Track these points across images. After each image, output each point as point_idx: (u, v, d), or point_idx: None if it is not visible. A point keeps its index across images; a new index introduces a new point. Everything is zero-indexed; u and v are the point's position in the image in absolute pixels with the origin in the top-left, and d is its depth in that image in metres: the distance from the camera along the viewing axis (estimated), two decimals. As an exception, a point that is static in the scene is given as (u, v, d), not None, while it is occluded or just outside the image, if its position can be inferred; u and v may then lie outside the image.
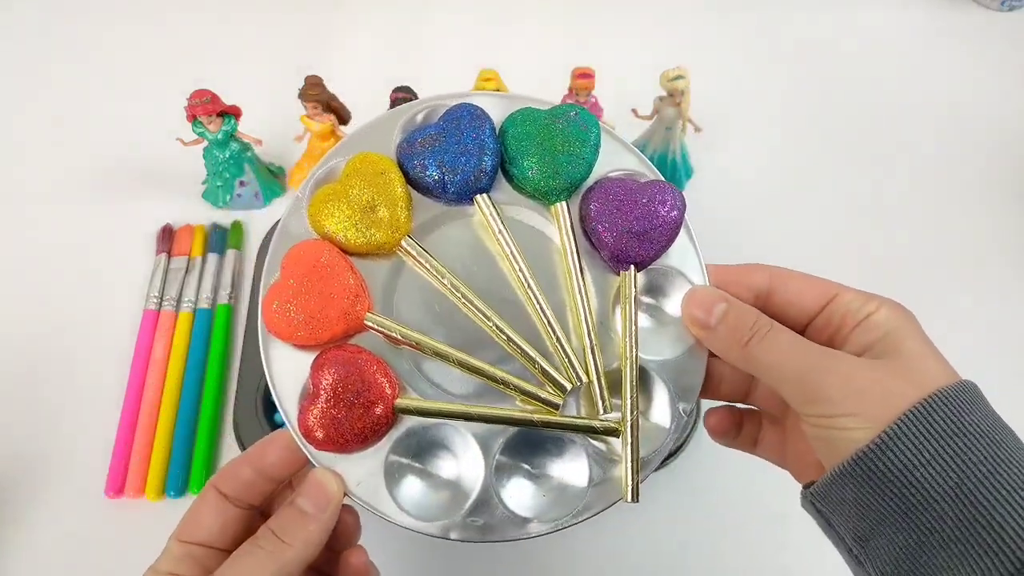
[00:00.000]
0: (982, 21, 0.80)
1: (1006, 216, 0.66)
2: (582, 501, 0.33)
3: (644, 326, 0.36)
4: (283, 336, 0.33)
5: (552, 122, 0.36)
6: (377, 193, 0.34)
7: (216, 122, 0.58)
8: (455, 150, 0.35)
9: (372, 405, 0.32)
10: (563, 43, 0.77)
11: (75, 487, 0.52)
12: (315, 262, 0.33)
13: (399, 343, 0.34)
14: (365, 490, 0.33)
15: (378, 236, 0.34)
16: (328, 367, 0.32)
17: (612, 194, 0.35)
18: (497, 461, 0.33)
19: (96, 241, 0.63)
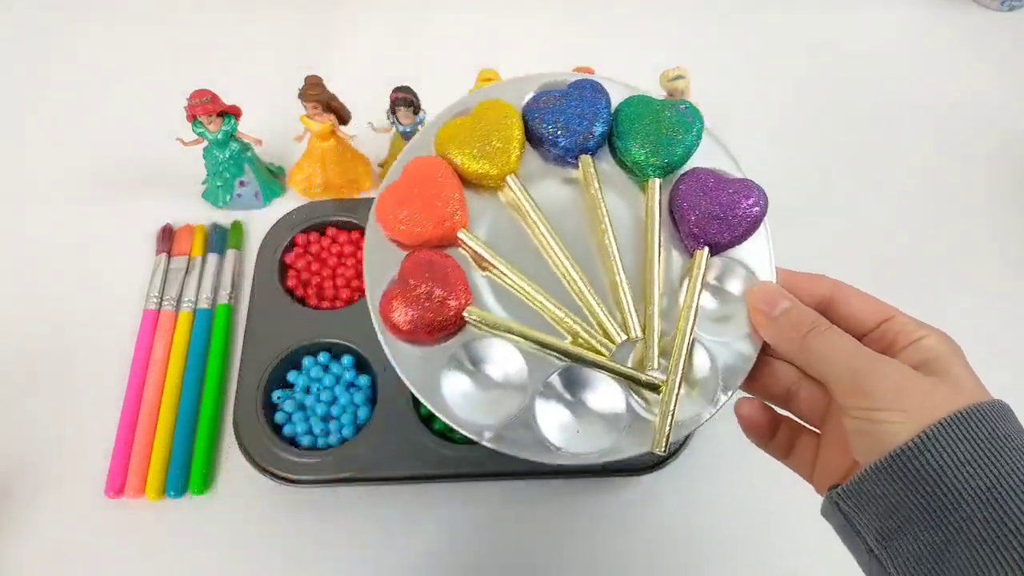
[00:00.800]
0: (982, 21, 0.80)
1: (1006, 216, 0.66)
2: (610, 443, 0.36)
3: (705, 306, 0.38)
4: (386, 226, 0.38)
5: (663, 109, 0.40)
6: (497, 132, 0.39)
7: (216, 122, 0.58)
8: (573, 112, 0.39)
9: (446, 304, 0.36)
10: (563, 43, 0.77)
11: (75, 487, 0.52)
12: (431, 173, 0.38)
13: (482, 265, 0.38)
14: (421, 382, 0.36)
15: (488, 168, 0.38)
16: (416, 261, 0.37)
17: (702, 180, 0.39)
18: (543, 387, 0.36)
19: (96, 241, 0.63)
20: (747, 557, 0.51)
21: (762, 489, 0.53)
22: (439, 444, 0.51)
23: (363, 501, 0.52)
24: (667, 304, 0.38)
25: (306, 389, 0.54)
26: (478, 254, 0.38)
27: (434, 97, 0.60)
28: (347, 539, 0.51)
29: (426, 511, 0.52)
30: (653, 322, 0.37)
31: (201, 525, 0.51)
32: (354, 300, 0.58)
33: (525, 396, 0.36)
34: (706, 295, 0.38)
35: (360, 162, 0.64)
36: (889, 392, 0.30)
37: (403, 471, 0.51)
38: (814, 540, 0.51)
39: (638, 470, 0.52)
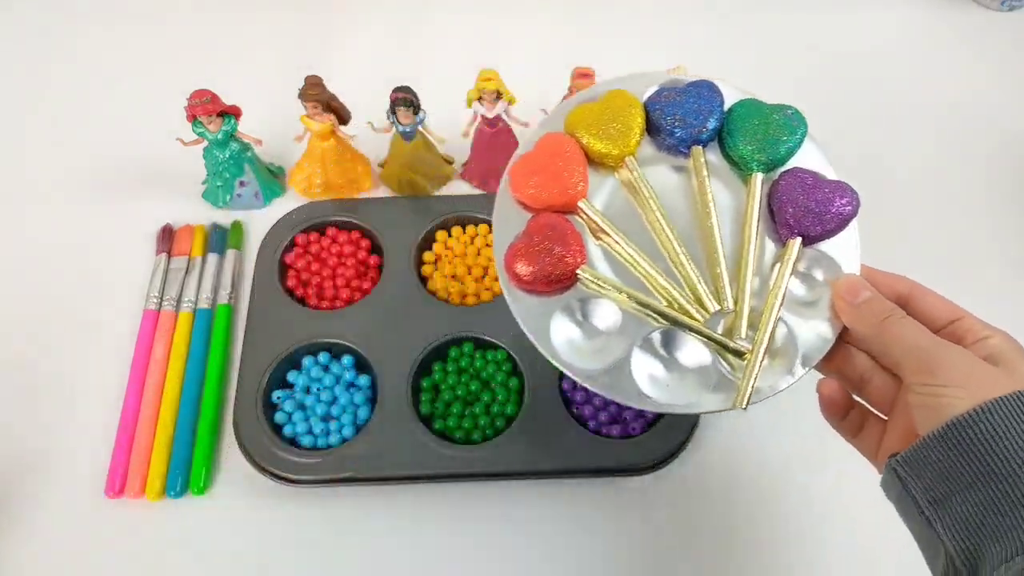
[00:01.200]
0: (982, 21, 0.80)
1: (1006, 216, 0.66)
2: (695, 398, 0.40)
3: (793, 290, 0.42)
4: (517, 190, 0.43)
5: (771, 112, 0.44)
6: (620, 118, 0.44)
7: (216, 122, 0.58)
8: (690, 107, 0.44)
9: (564, 260, 0.41)
10: (563, 43, 0.77)
11: (75, 487, 0.52)
12: (560, 148, 0.43)
13: (596, 233, 0.43)
14: (533, 326, 0.41)
15: (610, 148, 0.44)
16: (541, 221, 0.42)
17: (801, 178, 0.43)
18: (641, 343, 0.41)
19: (96, 241, 0.63)
20: (747, 556, 0.51)
21: (761, 489, 0.53)
22: (439, 444, 0.51)
23: (363, 501, 0.52)
24: (757, 285, 0.42)
25: (306, 389, 0.55)
26: (594, 222, 0.43)
27: (434, 97, 0.60)
28: (347, 539, 0.51)
29: (426, 511, 0.52)
30: (744, 297, 0.41)
31: (201, 525, 0.51)
32: (354, 300, 0.58)
33: (623, 349, 0.40)
34: (794, 280, 0.42)
35: (360, 162, 0.64)
36: (954, 372, 0.34)
37: (403, 471, 0.51)
38: (814, 539, 0.52)
39: (638, 470, 0.52)
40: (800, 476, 0.54)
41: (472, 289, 0.59)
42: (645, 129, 0.45)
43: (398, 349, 0.55)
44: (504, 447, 0.51)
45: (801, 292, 0.42)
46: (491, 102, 0.58)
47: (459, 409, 0.53)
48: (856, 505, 0.53)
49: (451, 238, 0.62)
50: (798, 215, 0.42)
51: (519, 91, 0.59)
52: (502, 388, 0.54)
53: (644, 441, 0.51)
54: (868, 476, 0.54)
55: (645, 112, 0.45)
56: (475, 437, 0.52)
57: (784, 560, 0.51)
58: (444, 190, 0.66)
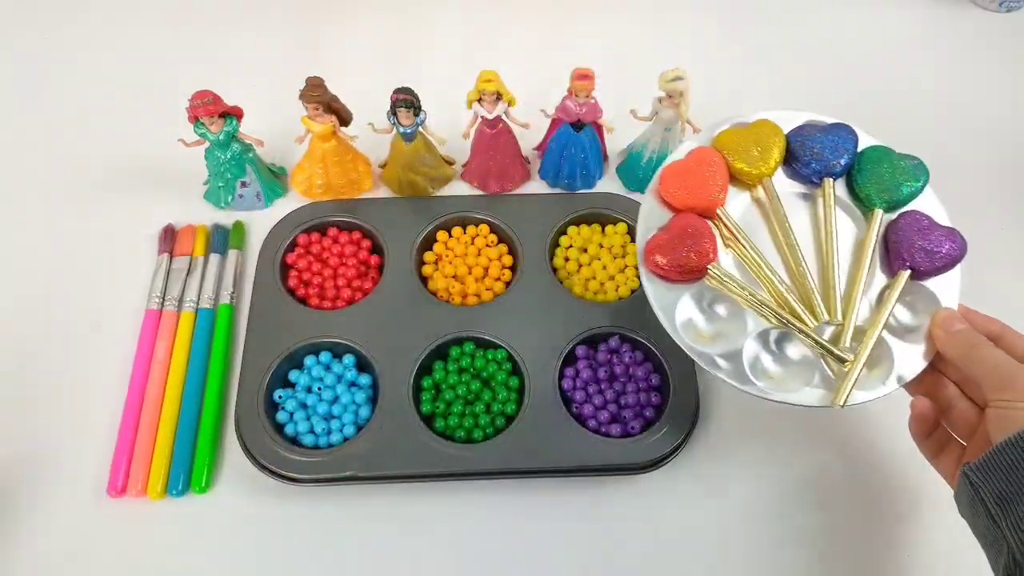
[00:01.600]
0: (981, 22, 0.80)
1: (1006, 216, 0.66)
2: (798, 392, 0.46)
3: (897, 315, 0.48)
4: (667, 191, 0.50)
5: (899, 160, 0.51)
6: (762, 144, 0.51)
7: (218, 123, 0.58)
8: (828, 144, 0.51)
9: (698, 256, 0.47)
10: (563, 44, 0.78)
11: (77, 487, 0.52)
12: (708, 161, 0.51)
13: (726, 239, 0.50)
14: (663, 308, 0.48)
15: (749, 169, 0.51)
16: (683, 219, 0.49)
17: (918, 220, 0.49)
18: (756, 336, 0.48)
19: (98, 241, 0.63)
20: (747, 556, 0.51)
21: (761, 488, 0.54)
22: (440, 443, 0.52)
23: (364, 500, 0.52)
24: (865, 306, 0.48)
25: (307, 388, 0.55)
26: (728, 228, 0.50)
27: (434, 98, 0.60)
28: (349, 538, 0.52)
29: (426, 510, 0.52)
30: (853, 313, 0.47)
31: (203, 524, 0.52)
32: (355, 300, 0.59)
33: (738, 340, 0.47)
34: (899, 307, 0.48)
35: (361, 163, 0.65)
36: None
37: (404, 470, 0.51)
38: (814, 538, 0.52)
39: (638, 469, 0.52)
40: (799, 475, 0.54)
41: (473, 289, 0.59)
42: (783, 157, 0.52)
43: (399, 349, 0.55)
44: (505, 446, 0.52)
45: (903, 318, 0.48)
46: (491, 103, 0.59)
47: (460, 408, 0.54)
48: (855, 504, 0.53)
49: (452, 238, 0.62)
50: (911, 251, 0.48)
51: (519, 92, 0.59)
52: (502, 387, 0.54)
53: (644, 440, 0.52)
54: (867, 476, 0.54)
55: (786, 142, 0.52)
56: (476, 436, 0.53)
57: (784, 559, 0.51)
58: (444, 191, 0.66)
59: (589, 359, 0.56)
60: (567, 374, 0.55)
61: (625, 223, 0.62)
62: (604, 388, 0.54)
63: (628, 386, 0.54)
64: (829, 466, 0.54)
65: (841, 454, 0.55)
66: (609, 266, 0.60)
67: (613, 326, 0.56)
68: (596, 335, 0.56)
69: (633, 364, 0.55)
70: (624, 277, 0.60)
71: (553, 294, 0.58)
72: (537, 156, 0.67)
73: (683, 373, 0.54)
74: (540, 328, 0.56)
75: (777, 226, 0.50)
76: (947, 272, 0.49)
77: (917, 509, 0.53)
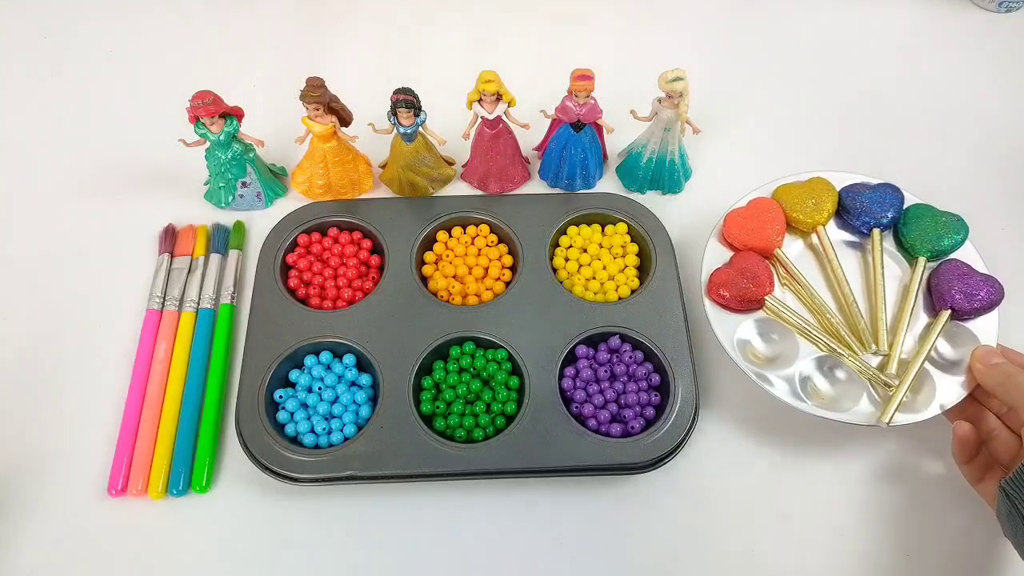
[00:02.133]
0: (980, 22, 0.80)
1: (1006, 216, 0.66)
2: (845, 411, 0.51)
3: (939, 348, 0.54)
4: (731, 232, 0.58)
5: (940, 216, 0.58)
6: (816, 197, 0.59)
7: (218, 123, 0.58)
8: (876, 199, 0.59)
9: (757, 288, 0.54)
10: (563, 44, 0.78)
11: (78, 486, 0.52)
12: (767, 208, 0.58)
13: (782, 277, 0.57)
14: (724, 334, 0.54)
15: (804, 218, 0.58)
16: (744, 257, 0.56)
17: (959, 267, 0.56)
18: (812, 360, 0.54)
19: (99, 241, 0.64)
20: (746, 555, 0.51)
21: (761, 488, 0.54)
22: (440, 443, 0.52)
23: (365, 499, 0.52)
24: (909, 342, 0.54)
25: (308, 388, 0.55)
26: (785, 268, 0.57)
27: (434, 99, 0.60)
28: (349, 537, 0.52)
29: (427, 509, 0.52)
30: (899, 344, 0.54)
31: (204, 524, 0.52)
32: (356, 300, 0.59)
33: (793, 363, 0.53)
34: (942, 342, 0.54)
35: (361, 163, 0.65)
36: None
37: (404, 470, 0.51)
38: (813, 537, 0.52)
39: (638, 468, 0.52)
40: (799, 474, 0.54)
41: (473, 289, 0.59)
42: (835, 209, 0.59)
43: (399, 348, 0.55)
44: (505, 446, 0.52)
45: (946, 353, 0.54)
46: (491, 104, 0.59)
47: (460, 408, 0.54)
48: (854, 503, 0.53)
49: (452, 238, 0.62)
50: (952, 294, 0.54)
51: (519, 93, 0.59)
52: (503, 387, 0.54)
53: (644, 440, 0.52)
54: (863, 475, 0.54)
55: (839, 197, 0.59)
56: (476, 436, 0.53)
57: (784, 558, 0.51)
58: (445, 191, 0.66)
59: (589, 359, 0.56)
60: (567, 374, 0.55)
61: (625, 223, 0.62)
62: (604, 388, 0.54)
63: (628, 386, 0.55)
64: (829, 466, 0.54)
65: (841, 454, 0.55)
66: (609, 266, 0.60)
67: (613, 326, 0.56)
68: (596, 335, 0.56)
69: (633, 364, 0.55)
70: (624, 277, 0.60)
71: (553, 294, 0.58)
72: (537, 156, 0.68)
73: (683, 373, 0.54)
74: (540, 328, 0.56)
75: (830, 268, 0.57)
76: (986, 314, 0.54)
77: (920, 509, 0.53)
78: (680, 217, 0.64)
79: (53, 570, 0.50)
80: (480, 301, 0.59)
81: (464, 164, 0.67)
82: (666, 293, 0.58)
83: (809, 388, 0.53)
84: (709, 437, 0.55)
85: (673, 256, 0.60)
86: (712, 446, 0.55)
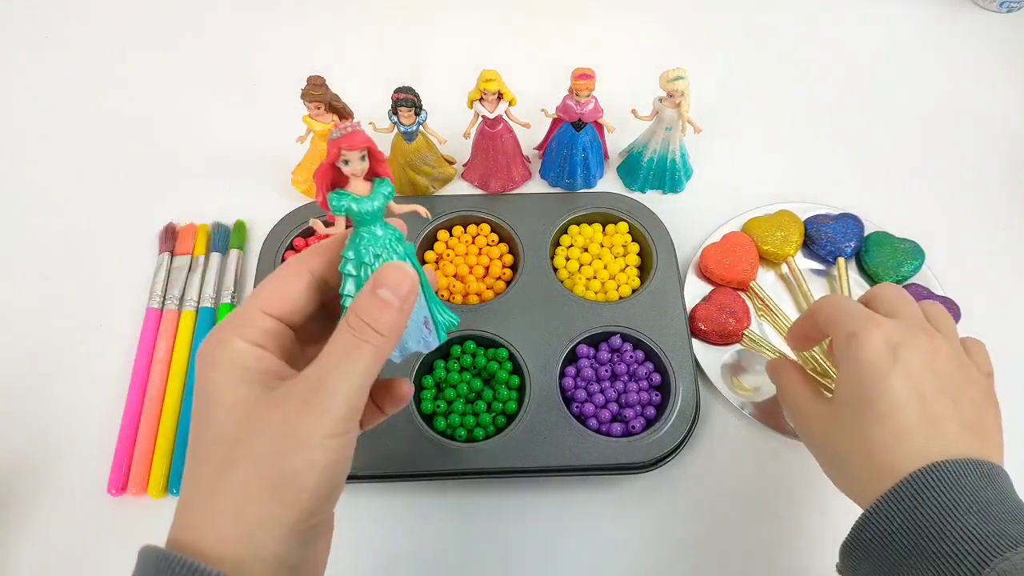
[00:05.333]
0: (981, 22, 0.80)
1: (1006, 216, 0.66)
2: None
3: None
4: (708, 266, 0.61)
5: (899, 244, 0.61)
6: (783, 230, 0.62)
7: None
8: (839, 230, 0.62)
9: (737, 320, 0.58)
10: (563, 44, 0.78)
11: (78, 485, 0.52)
12: (741, 243, 0.61)
13: (761, 310, 0.60)
14: (708, 366, 0.57)
15: (775, 250, 0.61)
16: (721, 292, 0.59)
17: (918, 291, 0.60)
18: None
19: (99, 240, 0.64)
20: (746, 555, 0.51)
21: (762, 488, 0.54)
22: (441, 442, 0.52)
23: (364, 499, 0.52)
24: None
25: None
26: (761, 299, 0.60)
27: (435, 98, 0.60)
28: (348, 536, 0.51)
29: (427, 509, 0.52)
30: None
31: (204, 522, 0.52)
32: (356, 299, 0.58)
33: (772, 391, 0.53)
34: None
35: (362, 162, 0.64)
36: None
37: (404, 469, 0.51)
38: (813, 537, 0.52)
39: (639, 468, 0.52)
40: (799, 474, 0.54)
41: (474, 288, 0.59)
42: (802, 240, 0.62)
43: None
44: (506, 445, 0.52)
45: None
46: (492, 103, 0.59)
47: (461, 407, 0.54)
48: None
49: (453, 237, 0.62)
50: None
51: (520, 92, 0.59)
52: (503, 386, 0.54)
53: (645, 439, 0.52)
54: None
55: (804, 228, 0.62)
56: (477, 435, 0.53)
57: (784, 557, 0.51)
58: (445, 190, 0.66)
59: (590, 358, 0.56)
60: (568, 373, 0.55)
61: (626, 222, 0.62)
62: (605, 387, 0.54)
63: (629, 385, 0.55)
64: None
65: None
66: (610, 265, 0.60)
67: (614, 325, 0.56)
68: (597, 334, 0.56)
69: (634, 363, 0.55)
70: (625, 276, 0.60)
71: (554, 293, 0.58)
72: (538, 156, 0.68)
73: (684, 372, 0.54)
74: (541, 327, 0.56)
75: (801, 296, 0.60)
76: None
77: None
78: (681, 217, 0.64)
79: (52, 568, 0.50)
80: (481, 300, 0.59)
81: (465, 163, 0.66)
82: (667, 293, 0.58)
83: None
84: (710, 437, 0.55)
85: (674, 256, 0.60)
86: (713, 446, 0.55)
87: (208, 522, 0.29)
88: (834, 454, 0.42)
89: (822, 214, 0.63)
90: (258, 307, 0.32)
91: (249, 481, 0.29)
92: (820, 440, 0.43)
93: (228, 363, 0.30)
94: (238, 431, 0.29)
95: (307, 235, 0.61)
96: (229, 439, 0.30)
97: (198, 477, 0.30)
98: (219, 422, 0.30)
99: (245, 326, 0.31)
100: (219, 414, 0.30)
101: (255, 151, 0.68)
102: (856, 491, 0.41)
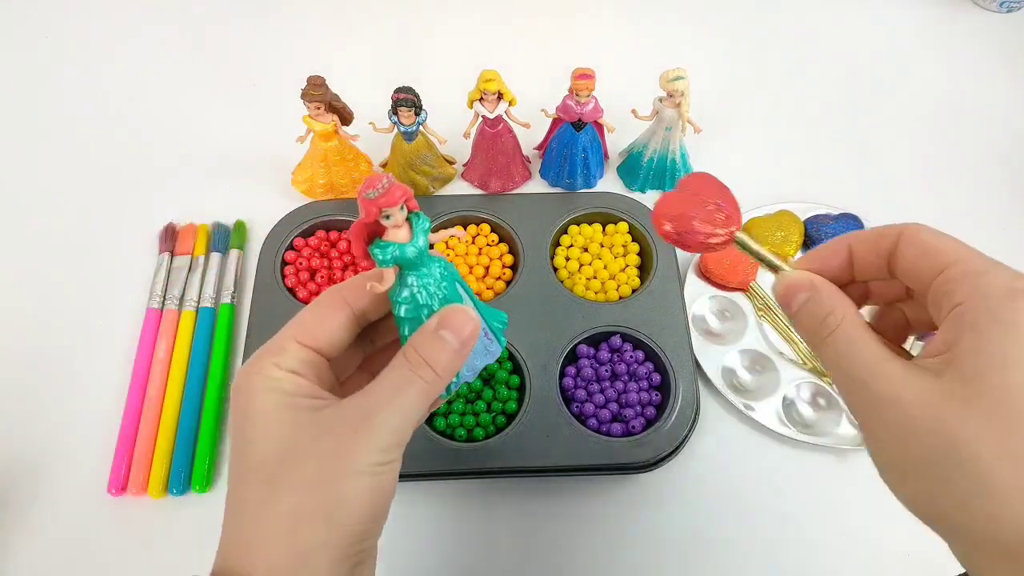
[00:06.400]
0: (981, 22, 0.80)
1: (1006, 216, 0.66)
2: (828, 436, 0.54)
3: None
4: (708, 270, 0.60)
5: None
6: (783, 230, 0.62)
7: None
8: (839, 228, 0.61)
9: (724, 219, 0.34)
10: (563, 44, 0.78)
11: (78, 485, 0.52)
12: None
13: (761, 311, 0.59)
14: (712, 369, 0.56)
15: (775, 249, 0.56)
16: (703, 178, 0.35)
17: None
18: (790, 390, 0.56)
19: (99, 240, 0.63)
20: (747, 555, 0.51)
21: (762, 487, 0.53)
22: (441, 441, 0.52)
23: (365, 499, 0.52)
24: None
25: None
26: (761, 299, 0.60)
27: (435, 98, 0.60)
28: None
29: (427, 508, 0.52)
30: None
31: (204, 523, 0.51)
32: (356, 299, 0.58)
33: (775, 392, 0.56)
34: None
35: (362, 162, 0.65)
36: None
37: (404, 469, 0.51)
38: (813, 536, 0.52)
39: (639, 467, 0.52)
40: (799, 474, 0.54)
41: (474, 288, 0.59)
42: (802, 239, 0.62)
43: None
44: (506, 445, 0.52)
45: None
46: (492, 103, 0.59)
47: (461, 407, 0.54)
48: (853, 502, 0.53)
49: (452, 237, 0.62)
50: None
51: (520, 92, 0.59)
52: (503, 386, 0.54)
53: (645, 439, 0.52)
54: (862, 473, 0.54)
55: (804, 228, 0.62)
56: (477, 435, 0.53)
57: (784, 557, 0.51)
58: (445, 190, 0.66)
59: (590, 358, 0.56)
60: (568, 373, 0.55)
61: (626, 222, 0.62)
62: (605, 387, 0.54)
63: (629, 385, 0.55)
64: (829, 467, 0.54)
65: (842, 454, 0.55)
66: (610, 265, 0.60)
67: (614, 325, 0.56)
68: (597, 334, 0.56)
69: (634, 363, 0.55)
70: (625, 276, 0.60)
71: (554, 293, 0.58)
72: (538, 156, 0.68)
73: (684, 372, 0.54)
74: (541, 327, 0.56)
75: None
76: None
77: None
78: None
79: (52, 568, 0.50)
80: (481, 300, 0.59)
81: (465, 163, 0.66)
82: (667, 292, 0.58)
83: (792, 415, 0.55)
84: (710, 436, 0.55)
85: (674, 256, 0.60)
86: (713, 445, 0.55)
87: (259, 547, 0.29)
88: (942, 456, 0.26)
89: (822, 214, 0.63)
90: (293, 337, 0.32)
91: (299, 505, 0.29)
92: (915, 431, 0.27)
93: (267, 389, 0.30)
94: (283, 455, 0.30)
95: (307, 235, 0.61)
96: (273, 463, 0.30)
97: (243, 501, 0.30)
98: (262, 446, 0.30)
99: (280, 355, 0.31)
100: (261, 438, 0.30)
101: (255, 151, 0.68)
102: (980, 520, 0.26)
